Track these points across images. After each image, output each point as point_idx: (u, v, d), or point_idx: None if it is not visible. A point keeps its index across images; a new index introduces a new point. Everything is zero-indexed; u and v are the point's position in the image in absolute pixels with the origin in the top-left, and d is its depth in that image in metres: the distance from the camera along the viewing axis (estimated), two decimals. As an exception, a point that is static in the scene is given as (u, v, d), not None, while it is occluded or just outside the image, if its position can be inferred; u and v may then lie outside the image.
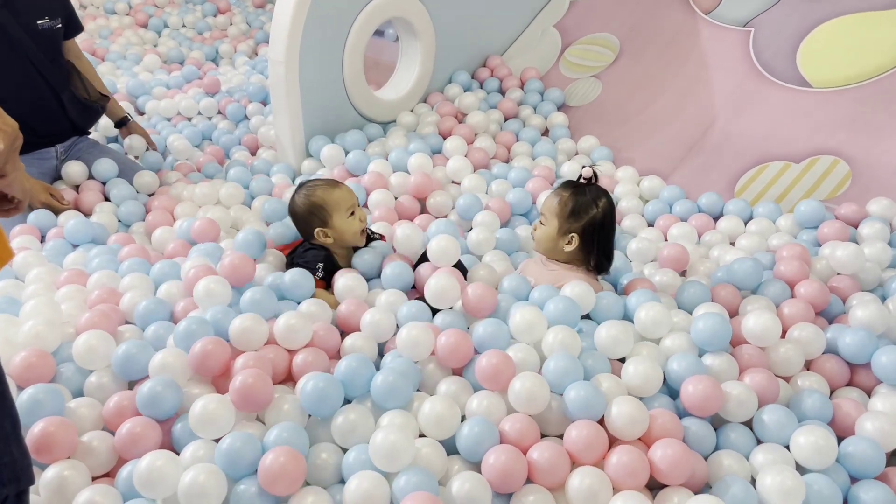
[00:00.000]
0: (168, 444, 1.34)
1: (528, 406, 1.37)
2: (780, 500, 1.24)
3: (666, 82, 2.90)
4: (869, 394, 1.58)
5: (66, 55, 2.43)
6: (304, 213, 1.86)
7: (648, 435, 1.36)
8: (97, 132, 2.84)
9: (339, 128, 2.69)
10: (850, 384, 1.62)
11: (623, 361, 1.52)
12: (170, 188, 2.41)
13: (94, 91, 2.44)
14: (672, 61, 2.95)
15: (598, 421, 1.36)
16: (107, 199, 2.35)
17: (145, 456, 1.21)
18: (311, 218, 1.85)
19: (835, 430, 1.41)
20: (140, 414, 1.33)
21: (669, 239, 2.27)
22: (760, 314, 1.57)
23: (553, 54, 3.27)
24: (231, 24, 4.35)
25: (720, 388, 1.41)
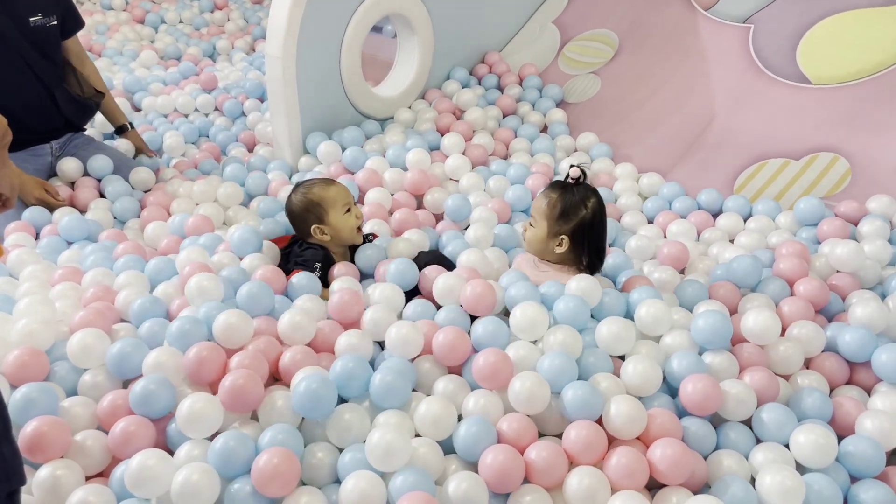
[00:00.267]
0: (163, 444, 1.33)
1: (527, 406, 1.36)
2: (779, 499, 1.24)
3: (665, 79, 2.89)
4: (869, 392, 1.57)
5: (66, 53, 2.41)
6: (301, 211, 1.87)
7: (647, 434, 1.35)
8: (93, 128, 2.82)
9: (336, 124, 2.68)
10: (849, 382, 1.61)
11: (622, 359, 1.52)
12: (165, 185, 2.40)
13: (88, 88, 2.43)
14: (671, 58, 2.93)
15: (597, 420, 1.35)
16: (102, 196, 2.34)
17: (136, 455, 1.20)
18: (307, 216, 1.86)
19: (835, 428, 1.40)
20: (134, 413, 1.32)
21: (669, 236, 2.26)
22: (760, 312, 1.56)
23: (552, 50, 3.26)
24: (228, 20, 4.34)
25: (719, 388, 1.41)
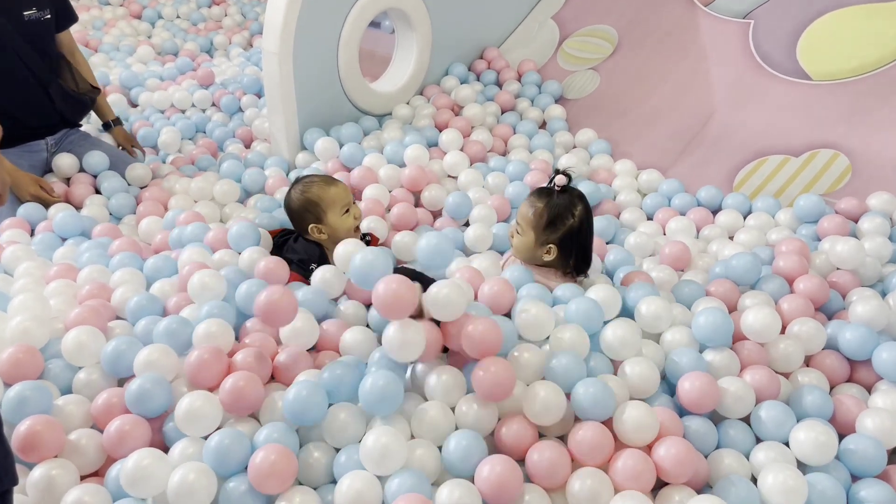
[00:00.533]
0: (159, 442, 1.32)
1: (544, 417, 1.31)
2: (782, 499, 1.23)
3: (665, 75, 2.88)
4: (869, 390, 1.56)
5: (59, 47, 2.40)
6: (299, 209, 1.86)
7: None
8: (89, 124, 2.81)
9: (333, 120, 2.66)
10: (849, 381, 1.60)
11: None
12: (162, 181, 2.38)
13: (83, 83, 2.41)
14: (671, 53, 2.92)
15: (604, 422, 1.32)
16: (98, 192, 2.32)
17: (132, 454, 1.19)
18: (305, 214, 1.86)
19: (835, 427, 1.40)
20: (129, 411, 1.31)
21: (668, 233, 2.25)
22: (760, 310, 1.56)
23: (551, 46, 3.24)
24: (226, 16, 4.32)
25: (716, 385, 1.40)
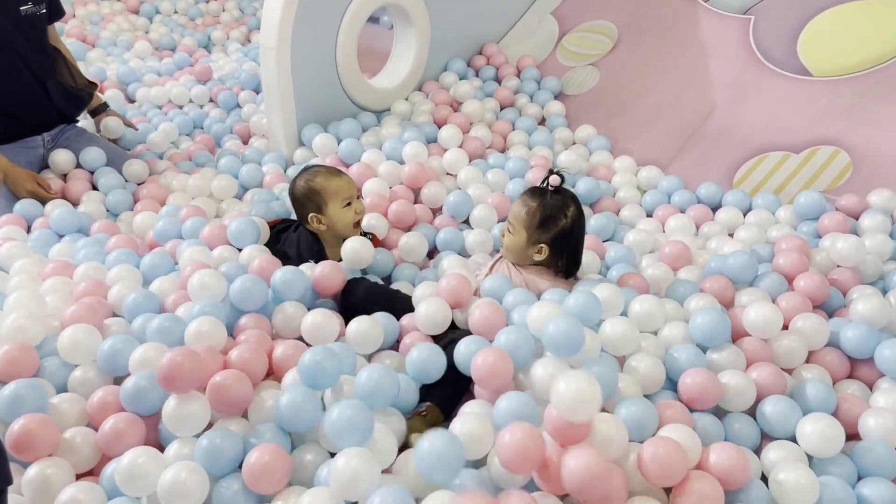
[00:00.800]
0: (155, 440, 1.31)
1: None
2: (794, 498, 1.23)
3: (665, 71, 2.86)
4: (870, 387, 1.56)
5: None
6: (302, 197, 1.88)
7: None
8: (86, 120, 2.79)
9: (332, 116, 2.65)
10: (849, 378, 1.59)
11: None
12: (159, 177, 2.37)
13: (80, 78, 2.40)
14: (671, 49, 2.91)
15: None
16: (95, 189, 2.31)
17: (127, 453, 1.18)
18: (307, 203, 1.88)
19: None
20: (124, 410, 1.30)
21: (667, 230, 2.24)
22: (761, 306, 1.56)
23: (550, 42, 3.23)
24: (223, 11, 4.29)
25: (718, 381, 1.40)
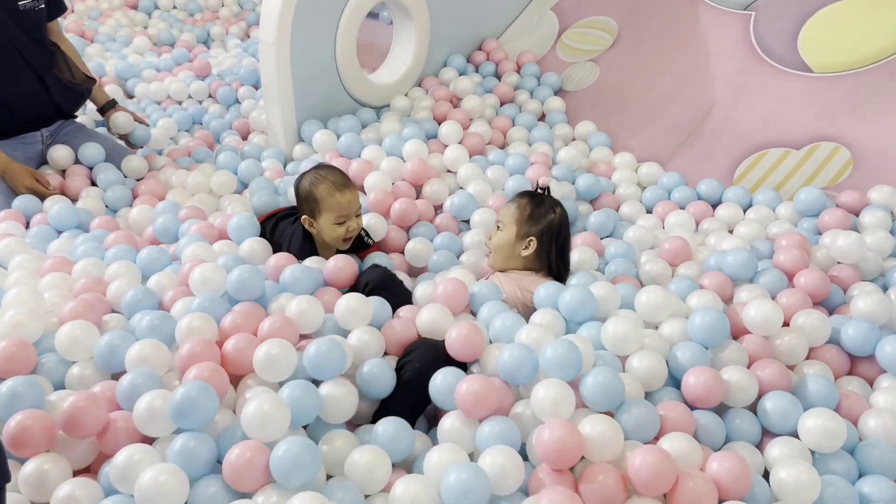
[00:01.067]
0: (150, 438, 1.30)
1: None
2: (794, 495, 1.23)
3: (665, 67, 2.85)
4: (870, 384, 1.56)
5: (49, 36, 2.37)
6: (302, 196, 1.89)
7: (662, 432, 1.32)
8: (84, 115, 2.78)
9: (331, 112, 2.64)
10: (849, 374, 1.60)
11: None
12: (158, 173, 2.37)
13: (79, 74, 2.39)
14: (671, 45, 2.90)
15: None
16: (94, 185, 2.30)
17: (122, 450, 1.18)
18: (304, 203, 1.89)
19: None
20: (120, 407, 1.29)
21: (667, 227, 2.23)
22: (762, 303, 1.56)
23: (550, 38, 3.22)
24: (223, 6, 4.28)
25: (722, 379, 1.40)
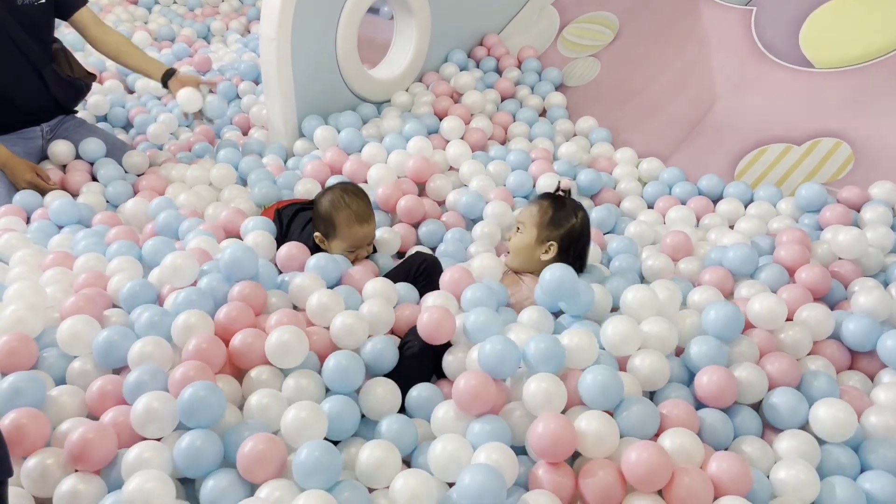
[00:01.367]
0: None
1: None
2: (794, 494, 1.23)
3: (666, 62, 2.85)
4: (871, 379, 1.57)
5: (80, 27, 2.34)
6: (321, 215, 1.85)
7: (663, 429, 1.32)
8: (85, 111, 2.78)
9: (332, 107, 2.64)
10: (850, 369, 1.60)
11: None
12: (159, 168, 2.36)
13: (79, 68, 2.38)
14: (672, 41, 2.89)
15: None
16: (95, 180, 2.30)
17: (134, 446, 1.19)
18: (320, 221, 1.85)
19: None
20: (124, 400, 1.30)
21: (668, 222, 2.23)
22: (765, 297, 1.56)
23: (551, 33, 3.21)
24: (223, 1, 4.26)
25: (734, 379, 1.40)
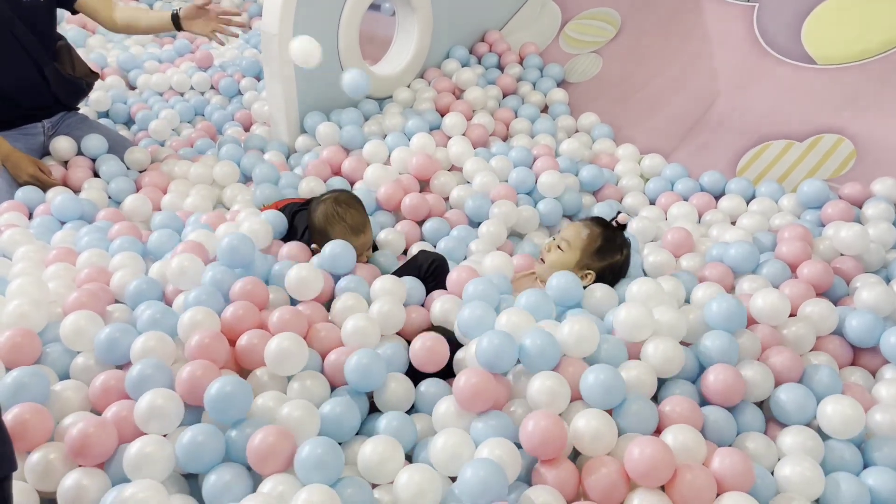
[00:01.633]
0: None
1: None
2: (798, 490, 1.23)
3: (668, 58, 2.85)
4: (873, 374, 1.57)
5: (89, 10, 2.33)
6: (316, 228, 1.83)
7: (667, 425, 1.32)
8: (87, 107, 2.78)
9: (333, 103, 2.63)
10: (852, 365, 1.61)
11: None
12: (161, 165, 2.36)
13: (81, 67, 2.38)
14: (674, 37, 2.89)
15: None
16: (97, 176, 2.30)
17: (136, 441, 1.19)
18: (315, 230, 1.84)
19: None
20: (127, 394, 1.30)
21: (670, 218, 2.24)
22: (768, 292, 1.56)
23: (553, 29, 3.21)
24: (224, -3, 4.27)
25: (741, 378, 1.39)
